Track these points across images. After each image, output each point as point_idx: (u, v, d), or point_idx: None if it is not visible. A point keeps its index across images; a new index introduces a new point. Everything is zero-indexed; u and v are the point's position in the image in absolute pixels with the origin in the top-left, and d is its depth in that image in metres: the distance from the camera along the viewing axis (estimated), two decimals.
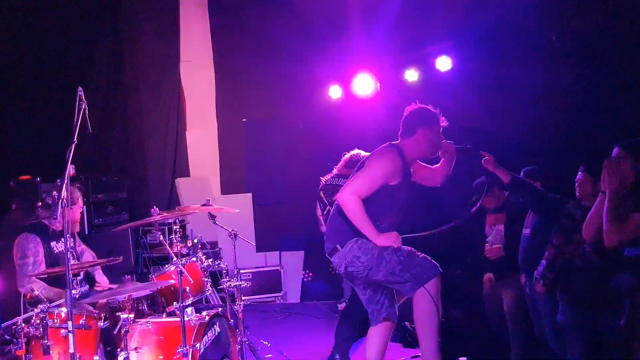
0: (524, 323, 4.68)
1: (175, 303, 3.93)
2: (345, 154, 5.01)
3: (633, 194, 3.42)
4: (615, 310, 3.67)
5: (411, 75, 6.71)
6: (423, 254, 3.59)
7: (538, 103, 5.81)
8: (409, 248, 3.59)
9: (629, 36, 5.35)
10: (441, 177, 3.97)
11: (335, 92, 7.15)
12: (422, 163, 3.90)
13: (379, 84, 7.03)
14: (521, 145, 5.60)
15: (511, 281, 4.69)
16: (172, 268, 4.08)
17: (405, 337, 5.26)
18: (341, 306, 6.16)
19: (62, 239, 4.21)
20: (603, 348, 3.91)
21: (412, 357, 4.89)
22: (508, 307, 4.71)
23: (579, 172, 4.05)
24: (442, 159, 3.96)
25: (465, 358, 4.45)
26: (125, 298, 3.74)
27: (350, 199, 3.47)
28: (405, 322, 5.26)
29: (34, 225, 4.35)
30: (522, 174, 4.67)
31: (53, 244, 4.34)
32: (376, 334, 3.71)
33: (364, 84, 6.96)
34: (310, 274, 4.66)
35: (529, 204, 4.37)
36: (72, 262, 4.19)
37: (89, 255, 4.75)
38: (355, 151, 4.95)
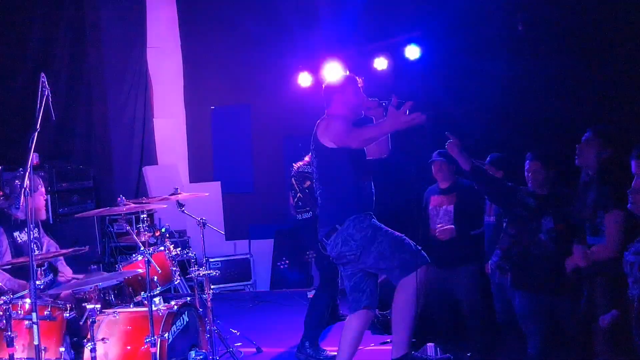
0: (484, 311, 4.78)
1: (143, 293, 3.89)
2: None
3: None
4: (572, 296, 3.76)
5: (380, 63, 6.72)
6: (414, 242, 3.61)
7: (505, 91, 5.90)
8: (400, 234, 3.60)
9: (594, 25, 5.46)
10: (384, 145, 3.88)
11: (304, 79, 7.12)
12: None
13: (348, 72, 7.00)
14: (488, 132, 5.69)
15: (466, 269, 4.76)
16: (140, 257, 4.04)
17: (374, 323, 5.30)
18: (310, 294, 6.17)
19: (26, 229, 4.13)
20: (561, 333, 4.00)
21: (381, 343, 4.94)
22: (467, 296, 4.76)
23: (527, 161, 4.08)
24: None
25: (432, 344, 4.52)
26: (91, 288, 3.69)
27: (350, 135, 3.48)
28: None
29: None
30: (488, 159, 4.72)
31: (16, 234, 4.24)
32: (354, 322, 3.70)
33: (333, 72, 6.94)
34: (287, 262, 4.65)
35: (485, 192, 4.42)
36: (37, 252, 4.11)
37: (51, 246, 4.66)
38: None
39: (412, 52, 6.50)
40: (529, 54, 5.87)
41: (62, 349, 3.54)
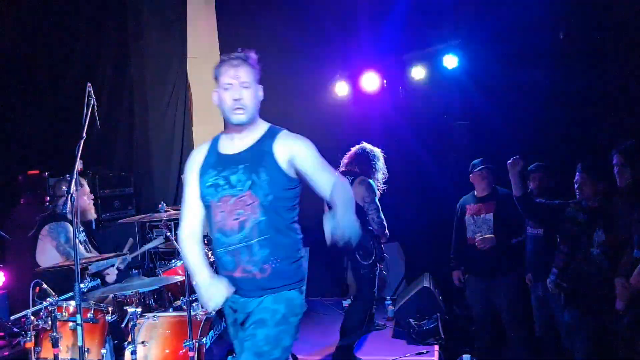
0: (525, 322, 4.71)
1: (182, 298, 3.96)
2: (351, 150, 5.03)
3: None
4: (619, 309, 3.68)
5: (418, 72, 6.72)
6: None
7: (544, 101, 5.82)
8: None
9: (637, 34, 5.35)
10: None
11: (341, 89, 7.15)
12: None
13: (385, 81, 7.03)
14: (526, 143, 5.61)
15: (506, 280, 4.68)
16: (179, 263, 4.12)
17: (409, 333, 5.27)
18: (346, 304, 6.17)
19: (79, 230, 4.21)
20: (608, 345, 3.92)
21: (416, 354, 4.91)
22: (508, 307, 4.70)
23: (577, 173, 4.00)
24: None
25: (468, 355, 4.48)
26: (132, 292, 3.77)
27: None
28: (410, 319, 5.28)
29: (59, 215, 4.36)
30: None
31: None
32: None
33: (371, 81, 6.96)
34: None
35: (532, 219, 4.41)
36: (89, 254, 4.22)
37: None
38: (362, 144, 4.95)
39: (450, 61, 6.48)
40: (570, 63, 5.77)
41: (103, 351, 3.64)
